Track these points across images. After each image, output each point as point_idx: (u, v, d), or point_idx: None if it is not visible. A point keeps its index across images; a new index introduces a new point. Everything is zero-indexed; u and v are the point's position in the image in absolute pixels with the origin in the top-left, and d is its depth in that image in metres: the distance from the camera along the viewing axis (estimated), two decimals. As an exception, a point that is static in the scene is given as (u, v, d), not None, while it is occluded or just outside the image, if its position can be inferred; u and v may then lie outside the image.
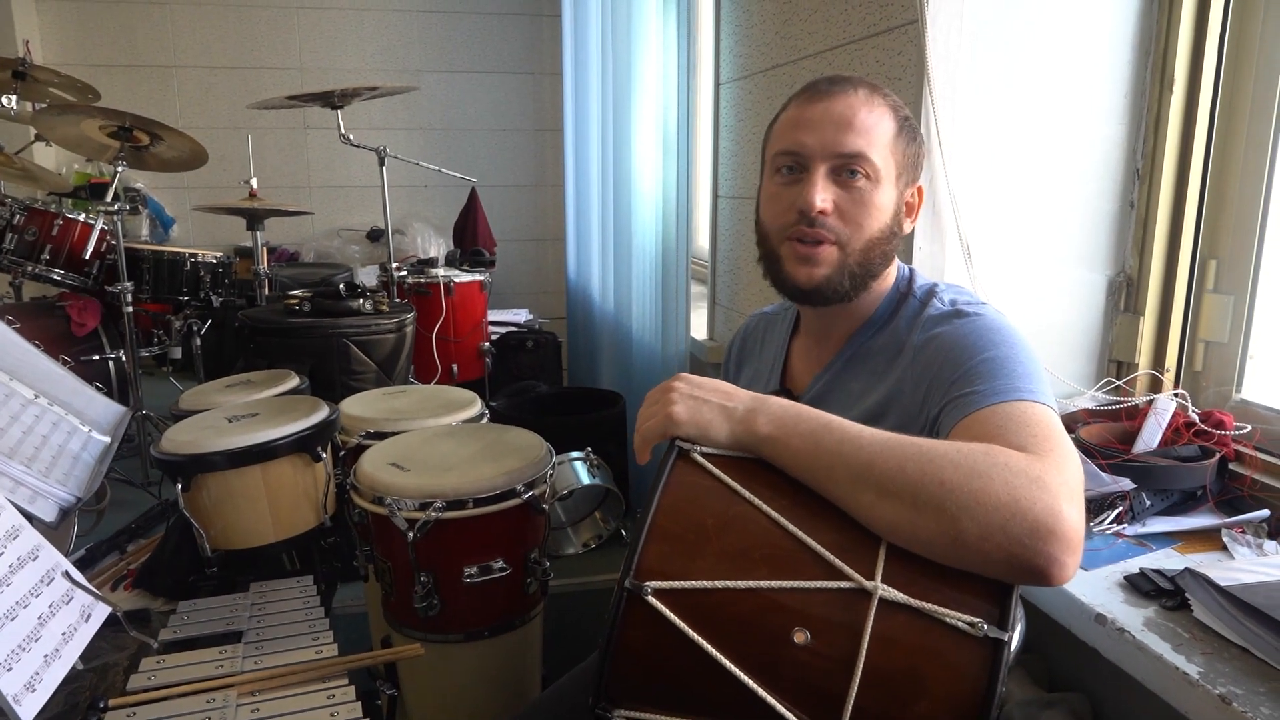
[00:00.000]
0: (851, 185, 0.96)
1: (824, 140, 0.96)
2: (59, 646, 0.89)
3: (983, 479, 0.70)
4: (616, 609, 0.73)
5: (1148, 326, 1.47)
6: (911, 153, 1.01)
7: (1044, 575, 0.68)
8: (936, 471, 0.71)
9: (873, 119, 0.97)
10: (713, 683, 0.71)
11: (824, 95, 0.98)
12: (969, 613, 0.69)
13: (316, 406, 1.40)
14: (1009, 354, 0.87)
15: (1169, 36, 1.40)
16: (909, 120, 1.01)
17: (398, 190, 4.29)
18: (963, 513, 0.69)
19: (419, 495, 1.29)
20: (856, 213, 0.97)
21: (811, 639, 0.70)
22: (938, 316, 0.97)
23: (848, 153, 0.96)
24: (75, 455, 1.28)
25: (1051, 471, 0.71)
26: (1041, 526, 0.68)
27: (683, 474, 0.79)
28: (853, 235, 0.97)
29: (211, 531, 1.28)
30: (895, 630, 0.70)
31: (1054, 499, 0.69)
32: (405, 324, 2.46)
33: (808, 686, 0.70)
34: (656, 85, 2.43)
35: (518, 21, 4.47)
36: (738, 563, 0.73)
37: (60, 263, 2.72)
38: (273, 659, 1.01)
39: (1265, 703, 0.83)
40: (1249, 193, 1.34)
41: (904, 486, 0.71)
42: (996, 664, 0.68)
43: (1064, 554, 0.68)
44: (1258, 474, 1.26)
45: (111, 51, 4.10)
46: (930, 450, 0.73)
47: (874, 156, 0.96)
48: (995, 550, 0.68)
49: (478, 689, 1.43)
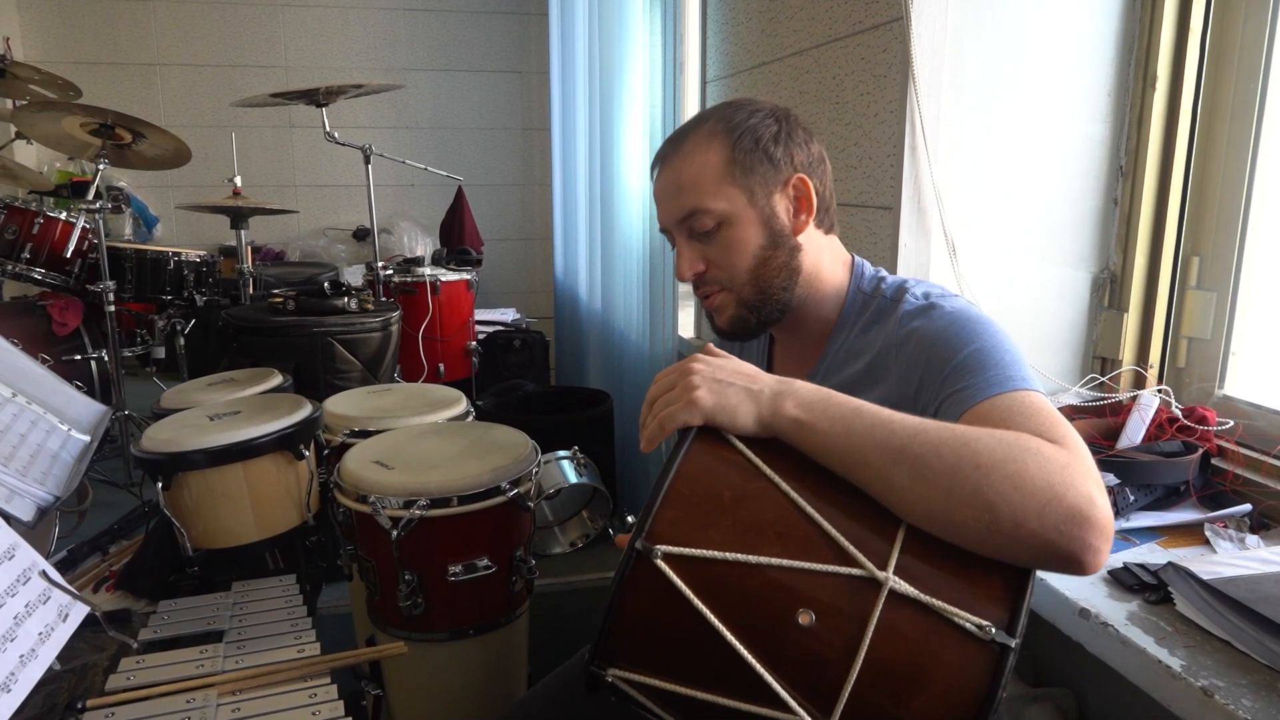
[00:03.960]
0: (709, 237, 1.00)
1: (668, 212, 1.03)
2: (35, 647, 0.87)
3: (1019, 464, 0.69)
4: (624, 569, 0.72)
5: (1131, 323, 1.48)
6: (757, 164, 0.99)
7: (1079, 562, 0.68)
8: (972, 455, 0.70)
9: (694, 168, 0.99)
10: (712, 653, 0.71)
11: (657, 167, 1.05)
12: (979, 615, 0.69)
13: (299, 404, 1.39)
14: (994, 344, 0.87)
15: (1151, 35, 1.41)
16: (744, 134, 0.99)
17: (384, 189, 4.28)
18: (1000, 497, 0.68)
19: (403, 493, 1.28)
20: (723, 258, 1.01)
21: (816, 621, 0.70)
22: (914, 311, 0.96)
23: (684, 214, 1.00)
24: (54, 454, 1.26)
25: (1078, 458, 0.71)
26: (1078, 513, 0.67)
27: (704, 444, 0.78)
28: (732, 277, 1.01)
29: (193, 531, 1.27)
30: (902, 623, 0.69)
31: (1087, 485, 0.69)
32: (390, 323, 2.45)
33: (807, 668, 0.70)
34: (643, 84, 2.43)
35: (505, 20, 4.46)
36: (750, 537, 0.73)
37: (41, 261, 2.69)
38: (254, 658, 1.00)
39: (1247, 695, 0.83)
40: (1231, 190, 1.35)
41: (940, 470, 0.70)
42: (1000, 669, 0.67)
43: (1099, 540, 0.67)
44: (1240, 469, 1.26)
45: (94, 49, 4.07)
46: (965, 434, 0.72)
47: (709, 204, 0.98)
48: (1030, 536, 0.68)
49: (463, 688, 1.42)
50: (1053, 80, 1.44)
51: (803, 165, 1.01)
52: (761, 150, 0.99)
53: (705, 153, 0.99)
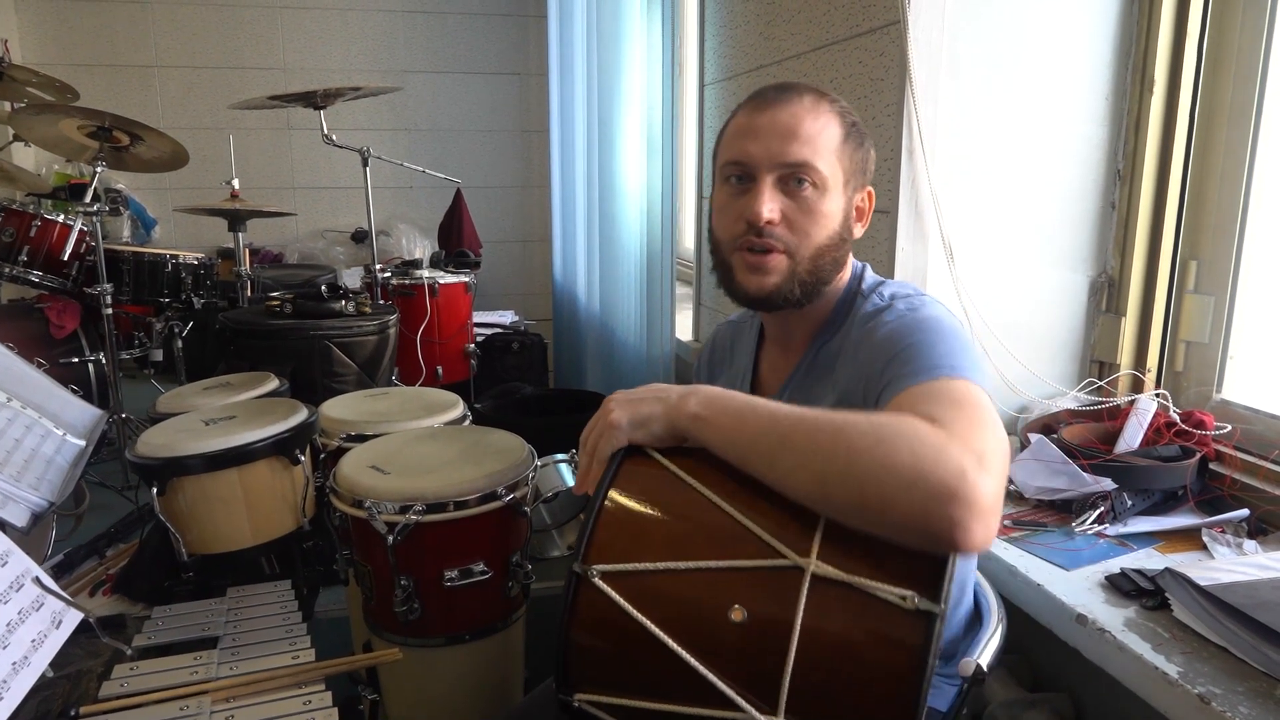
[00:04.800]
0: (798, 194, 0.97)
1: (770, 150, 0.97)
2: (28, 654, 0.87)
3: (887, 445, 0.71)
4: (567, 593, 0.76)
5: (1129, 327, 1.48)
6: (859, 158, 1.01)
7: (949, 540, 0.68)
8: (845, 440, 0.73)
9: (818, 126, 0.97)
10: (659, 663, 0.73)
11: (770, 104, 0.99)
12: (900, 586, 0.70)
13: (295, 409, 1.38)
14: (933, 338, 0.88)
15: (1149, 38, 1.41)
16: (856, 125, 1.01)
17: (382, 191, 4.27)
18: (868, 478, 0.71)
19: (399, 498, 1.28)
20: (804, 221, 0.98)
21: (749, 616, 0.72)
22: (873, 311, 0.98)
23: (793, 162, 0.96)
24: (49, 459, 1.26)
25: (958, 438, 0.72)
26: (944, 490, 0.68)
27: (631, 464, 0.84)
28: (801, 244, 0.98)
29: (188, 535, 1.26)
30: (828, 605, 0.71)
31: (958, 463, 0.69)
32: (388, 325, 2.44)
33: (747, 663, 0.72)
34: (642, 86, 2.43)
35: (503, 22, 4.46)
36: (680, 546, 0.77)
37: (38, 264, 2.69)
38: (248, 664, 1.00)
39: (1244, 702, 0.83)
40: (1229, 194, 1.34)
41: (815, 455, 0.74)
42: (929, 636, 0.68)
43: (968, 518, 0.67)
44: (1237, 474, 1.26)
45: (92, 51, 4.06)
46: (843, 421, 0.75)
47: (820, 165, 0.96)
48: (900, 516, 0.69)
49: (460, 693, 1.42)
50: (1050, 83, 1.44)
51: (872, 179, 1.05)
52: (865, 148, 1.02)
53: (828, 117, 0.98)
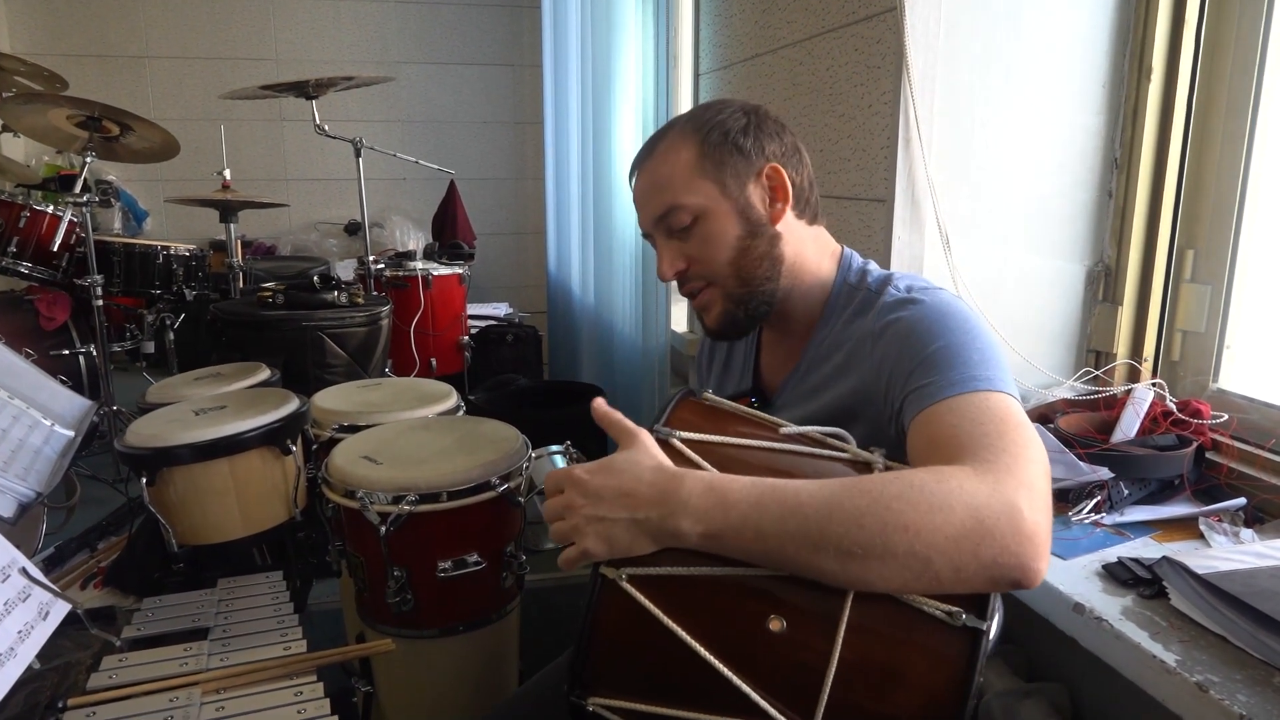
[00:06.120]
0: (686, 233, 1.00)
1: (645, 213, 1.03)
2: (14, 645, 0.86)
3: (944, 511, 0.67)
4: (592, 596, 0.72)
5: (1126, 316, 1.47)
6: (728, 157, 0.98)
7: (1023, 583, 0.68)
8: (897, 518, 0.67)
9: (668, 166, 1.00)
10: (688, 670, 0.70)
11: (635, 172, 1.05)
12: (948, 602, 0.68)
13: (286, 399, 1.37)
14: (963, 340, 0.86)
15: (1146, 26, 1.40)
16: (713, 129, 0.99)
17: (376, 183, 4.25)
18: (934, 551, 0.67)
19: (391, 488, 1.27)
20: (703, 252, 1.00)
21: (788, 627, 0.70)
22: (893, 303, 0.95)
23: (661, 214, 1.00)
24: (36, 450, 1.25)
25: (1006, 479, 0.70)
26: (1011, 541, 0.67)
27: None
28: (714, 270, 1.00)
29: (178, 526, 1.25)
30: (873, 619, 0.69)
31: (1014, 508, 0.68)
32: (380, 317, 2.43)
33: (784, 675, 0.69)
34: (636, 77, 2.41)
35: (497, 12, 4.43)
36: None
37: (28, 255, 2.67)
38: (239, 656, 0.99)
39: (1241, 690, 0.83)
40: (1226, 183, 1.34)
41: (866, 544, 0.67)
42: (975, 654, 0.67)
43: (1036, 559, 0.67)
44: (1234, 463, 1.26)
45: (82, 41, 4.03)
46: (881, 494, 0.69)
47: (684, 199, 0.98)
48: (973, 577, 0.67)
49: (453, 685, 1.41)
50: (1047, 72, 1.43)
51: (775, 154, 1.00)
52: (731, 143, 0.99)
53: (677, 151, 0.99)
